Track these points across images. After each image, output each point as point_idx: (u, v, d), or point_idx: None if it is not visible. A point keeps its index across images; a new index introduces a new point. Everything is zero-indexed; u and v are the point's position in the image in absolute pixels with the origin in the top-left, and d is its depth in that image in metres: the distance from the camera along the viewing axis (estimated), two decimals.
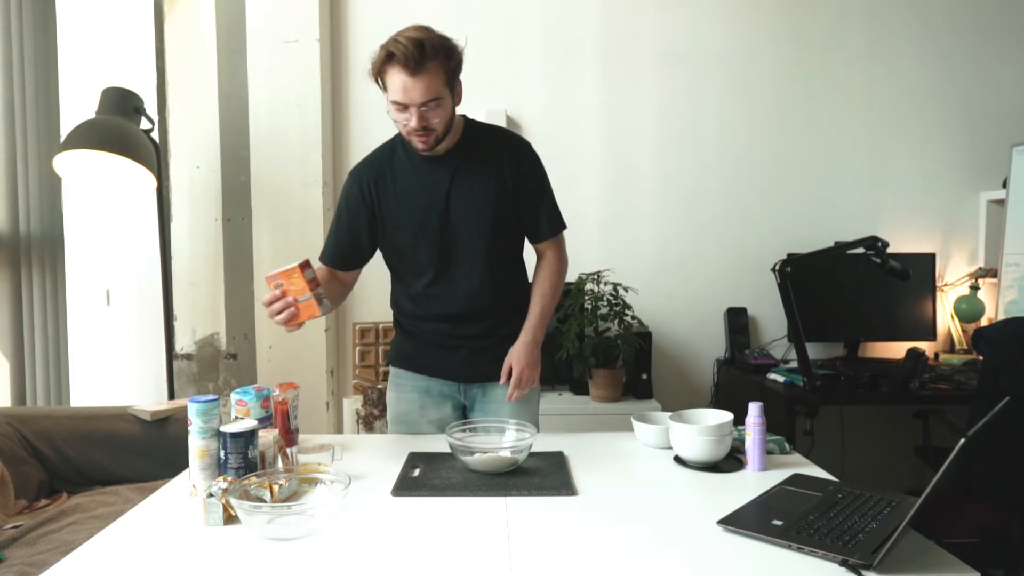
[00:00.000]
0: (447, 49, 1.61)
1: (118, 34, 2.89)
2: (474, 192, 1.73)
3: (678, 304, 3.13)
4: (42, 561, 1.60)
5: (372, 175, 1.78)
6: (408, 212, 1.75)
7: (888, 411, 3.10)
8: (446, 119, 1.65)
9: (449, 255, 1.76)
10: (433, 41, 1.58)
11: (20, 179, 2.65)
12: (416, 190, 1.74)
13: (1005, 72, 3.13)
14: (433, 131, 1.64)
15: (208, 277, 2.92)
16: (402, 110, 1.62)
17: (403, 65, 1.56)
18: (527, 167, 1.79)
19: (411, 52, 1.55)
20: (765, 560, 1.11)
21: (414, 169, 1.75)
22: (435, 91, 1.59)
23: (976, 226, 3.15)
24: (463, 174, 1.74)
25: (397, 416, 1.90)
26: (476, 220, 1.73)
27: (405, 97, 1.59)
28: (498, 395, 1.83)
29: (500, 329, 1.82)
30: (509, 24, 3.07)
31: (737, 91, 3.11)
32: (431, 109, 1.60)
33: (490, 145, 1.78)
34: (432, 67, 1.58)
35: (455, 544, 1.18)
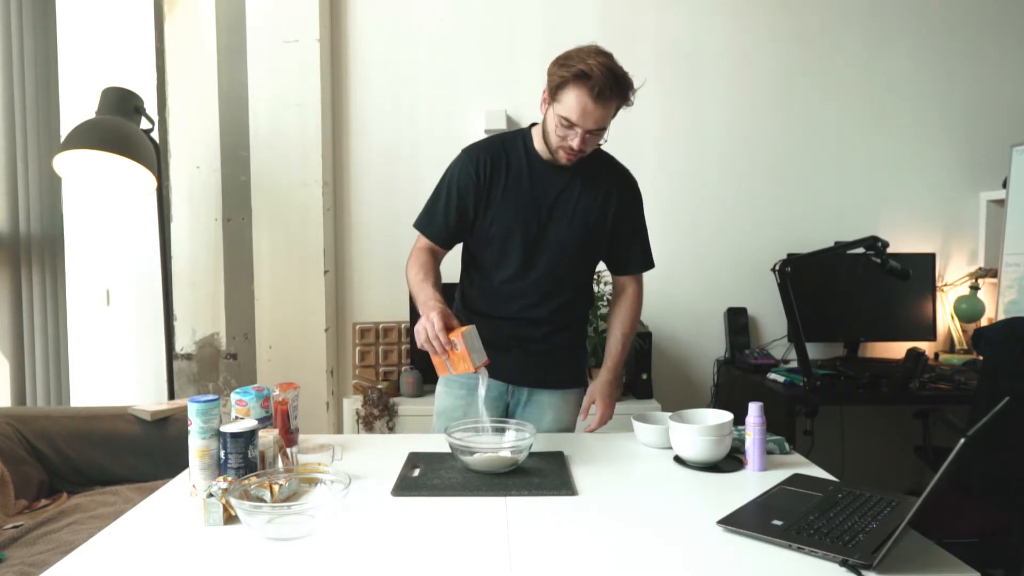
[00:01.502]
0: (630, 87, 1.64)
1: (118, 34, 2.89)
2: (578, 207, 1.77)
3: (678, 304, 3.13)
4: (42, 561, 1.60)
5: (489, 158, 1.78)
6: (512, 207, 1.76)
7: (888, 411, 3.10)
8: (598, 146, 1.72)
9: (535, 259, 1.79)
10: (624, 77, 1.61)
11: (20, 179, 2.65)
12: (526, 188, 1.77)
13: (1005, 72, 3.13)
14: (584, 154, 1.69)
15: (208, 277, 2.92)
16: (568, 127, 1.63)
17: (593, 90, 1.57)
18: (631, 200, 1.85)
19: (607, 81, 1.57)
20: (765, 560, 1.11)
21: (531, 168, 1.77)
22: (606, 121, 1.64)
23: (976, 226, 3.15)
24: (572, 188, 1.77)
25: (443, 411, 1.90)
26: (570, 234, 1.77)
27: (580, 119, 1.61)
28: (543, 402, 1.88)
29: (555, 337, 1.86)
30: (509, 24, 3.07)
31: (737, 91, 3.12)
32: (594, 136, 1.65)
33: (602, 169, 1.82)
34: (615, 101, 1.62)
35: (455, 544, 1.18)
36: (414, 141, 3.08)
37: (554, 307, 1.82)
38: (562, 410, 1.90)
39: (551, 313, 1.82)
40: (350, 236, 3.10)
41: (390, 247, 3.06)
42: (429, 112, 3.08)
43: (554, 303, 1.82)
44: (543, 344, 1.85)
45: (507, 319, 1.83)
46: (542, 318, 1.82)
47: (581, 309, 1.93)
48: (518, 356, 1.84)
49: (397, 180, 3.07)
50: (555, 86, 1.63)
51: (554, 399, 1.89)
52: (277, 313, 2.92)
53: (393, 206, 3.05)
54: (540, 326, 1.83)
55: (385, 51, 3.08)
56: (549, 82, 1.65)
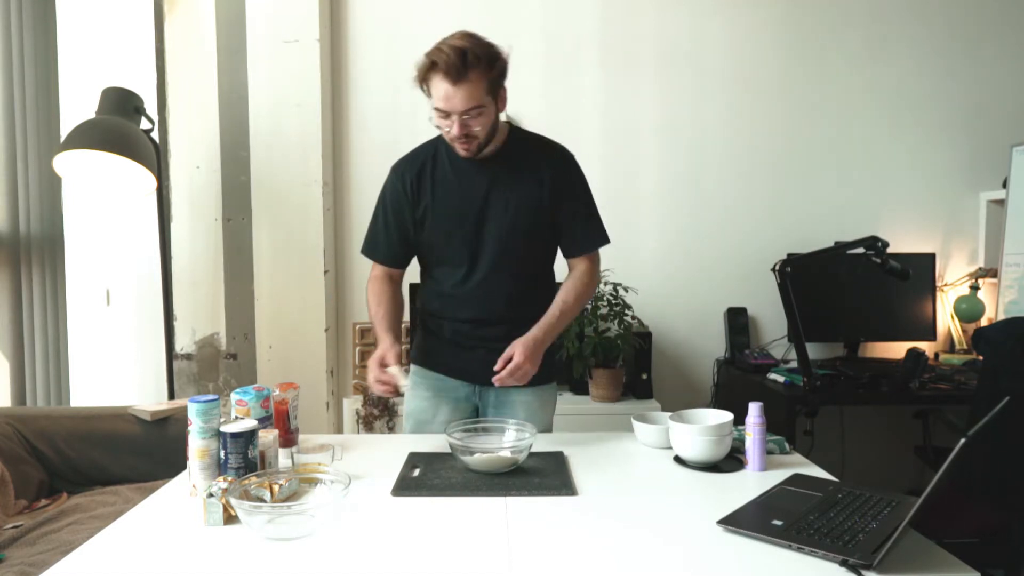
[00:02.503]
0: (489, 57, 1.62)
1: (118, 34, 2.89)
2: (511, 198, 1.75)
3: (678, 304, 3.13)
4: (42, 561, 1.60)
5: (414, 171, 1.80)
6: (445, 211, 1.77)
7: (888, 411, 3.10)
8: (488, 126, 1.67)
9: (480, 257, 1.77)
10: (476, 50, 1.59)
11: (20, 179, 2.65)
12: (455, 190, 1.76)
13: (1005, 72, 3.13)
14: (475, 138, 1.66)
15: (208, 277, 2.92)
16: (444, 117, 1.64)
17: (445, 73, 1.58)
18: (568, 176, 1.80)
19: (453, 61, 1.57)
20: (765, 560, 1.11)
21: (455, 170, 1.77)
22: (477, 99, 1.61)
23: (976, 226, 3.15)
24: (502, 179, 1.75)
25: (411, 413, 1.91)
26: (510, 226, 1.75)
27: (447, 105, 1.61)
28: (513, 400, 1.84)
29: (517, 334, 1.78)
30: (510, 24, 3.07)
31: (737, 91, 3.11)
32: (473, 117, 1.63)
33: (532, 153, 1.79)
34: (474, 76, 1.59)
35: (455, 544, 1.18)
36: (414, 141, 3.00)
37: (510, 303, 1.79)
38: (534, 408, 1.84)
39: (508, 309, 1.78)
40: (350, 236, 3.10)
41: None
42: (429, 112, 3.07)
43: (509, 299, 1.78)
44: (505, 342, 1.76)
45: (465, 320, 1.82)
46: (499, 316, 1.79)
47: (542, 302, 1.81)
48: (482, 355, 1.78)
49: None
50: (421, 83, 1.65)
51: (524, 397, 1.83)
52: (277, 313, 2.92)
53: None
54: (499, 324, 1.78)
55: (385, 51, 3.08)
56: (416, 81, 1.66)
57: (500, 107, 1.71)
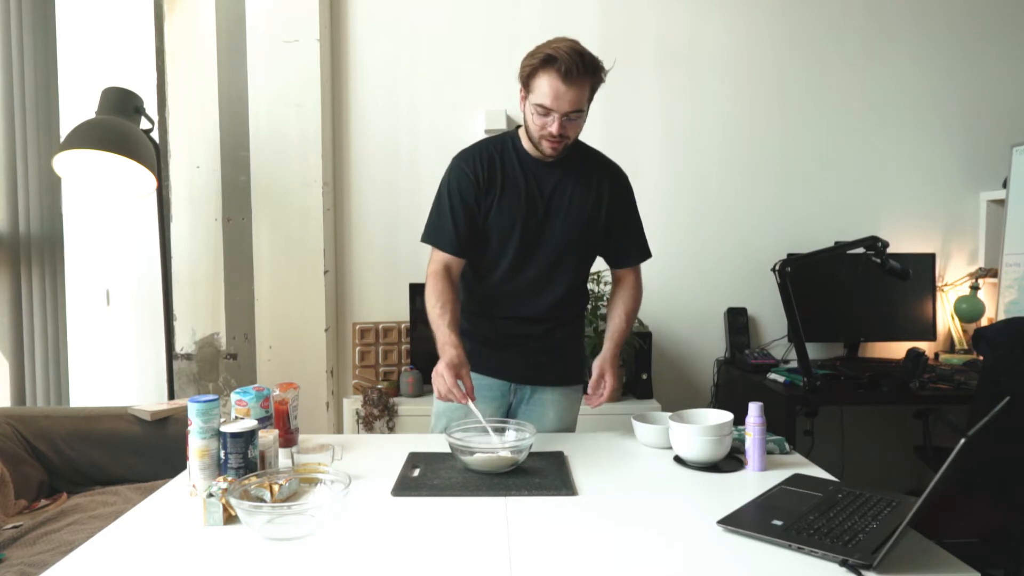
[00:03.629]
0: (599, 67, 1.66)
1: (118, 34, 2.89)
2: (573, 202, 1.79)
3: (678, 304, 3.13)
4: (42, 561, 1.60)
5: (485, 162, 1.79)
6: (511, 205, 1.78)
7: (888, 411, 3.10)
8: (579, 131, 1.73)
9: (533, 254, 1.80)
10: (590, 56, 1.64)
11: (20, 179, 2.65)
12: (522, 186, 1.78)
13: (1005, 72, 3.13)
14: (567, 139, 1.70)
15: (208, 277, 2.92)
16: (545, 114, 1.66)
17: (561, 72, 1.60)
18: (622, 192, 1.86)
19: (574, 60, 1.59)
20: (765, 560, 1.11)
21: (523, 168, 1.79)
22: (580, 103, 1.65)
23: (976, 226, 3.15)
24: (566, 183, 1.79)
25: (441, 412, 1.88)
26: (569, 228, 1.79)
27: (554, 103, 1.63)
28: (545, 399, 1.88)
29: (555, 334, 1.87)
30: (509, 24, 3.07)
31: (737, 91, 3.11)
32: (572, 120, 1.67)
33: (593, 164, 1.84)
34: (585, 80, 1.63)
35: (455, 544, 1.18)
36: (414, 141, 3.08)
37: (552, 303, 1.83)
38: (564, 407, 1.90)
39: (549, 310, 1.83)
40: (350, 236, 3.10)
41: (390, 247, 3.06)
42: (429, 112, 3.08)
43: (552, 299, 1.82)
44: (543, 341, 1.85)
45: (506, 317, 1.84)
46: (540, 315, 1.83)
47: (578, 306, 1.93)
48: (518, 354, 1.84)
49: (397, 180, 3.07)
50: (526, 76, 1.66)
51: (555, 396, 1.89)
52: (277, 313, 2.92)
53: (393, 206, 3.05)
54: (539, 323, 1.84)
55: (385, 51, 3.08)
56: (521, 74, 1.68)
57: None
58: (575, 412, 1.96)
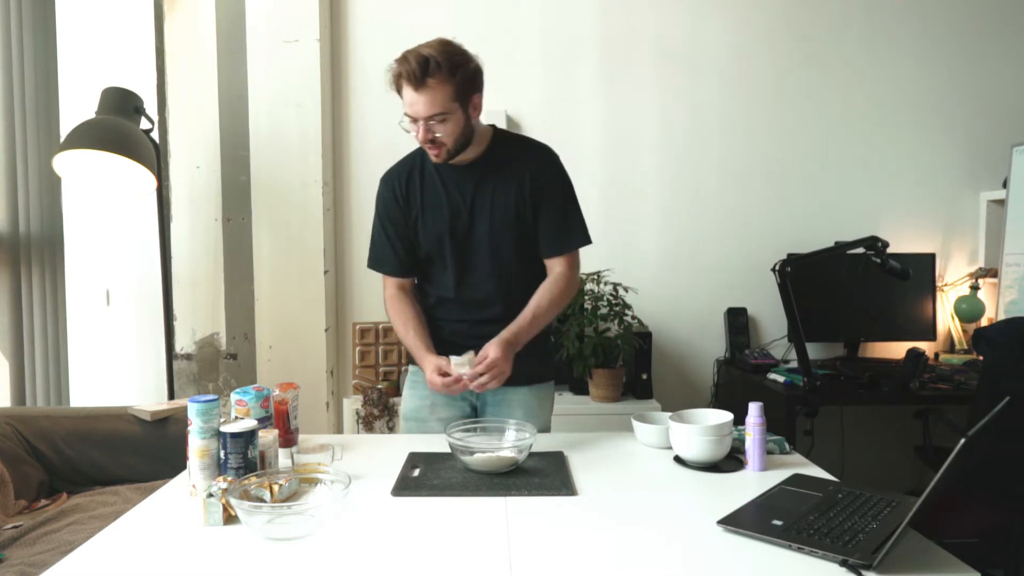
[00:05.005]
0: (453, 65, 1.63)
1: (118, 34, 2.89)
2: (496, 201, 1.76)
3: (678, 304, 3.13)
4: (42, 561, 1.60)
5: (403, 180, 1.82)
6: (434, 217, 1.78)
7: (888, 411, 3.10)
8: (456, 133, 1.68)
9: (471, 260, 1.79)
10: (439, 57, 1.60)
11: (20, 179, 2.65)
12: (442, 196, 1.78)
13: (1005, 72, 3.13)
14: (442, 144, 1.68)
15: (208, 277, 2.92)
16: (413, 121, 1.67)
17: (407, 80, 1.61)
18: (548, 174, 1.79)
19: (413, 69, 1.60)
20: (765, 560, 1.11)
21: (442, 176, 1.79)
22: (440, 106, 1.63)
23: (976, 226, 3.15)
24: (487, 183, 1.77)
25: (408, 412, 1.91)
26: (497, 228, 1.76)
27: (412, 111, 1.65)
28: (510, 399, 1.84)
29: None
30: (509, 24, 3.07)
31: (737, 91, 3.12)
32: (437, 123, 1.65)
33: (513, 154, 1.80)
34: (435, 83, 1.61)
35: (455, 544, 1.18)
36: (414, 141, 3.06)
37: (504, 303, 1.79)
38: (532, 407, 1.85)
39: (504, 310, 1.78)
40: (350, 236, 3.10)
41: None
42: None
43: (504, 300, 1.79)
44: None
45: (461, 321, 1.83)
46: (496, 317, 1.78)
47: None
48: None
49: None
50: (395, 89, 1.67)
51: (522, 396, 1.84)
52: (277, 313, 2.92)
53: None
54: (495, 323, 1.76)
55: (385, 51, 3.03)
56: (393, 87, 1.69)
57: (473, 114, 1.71)
58: (547, 411, 1.90)
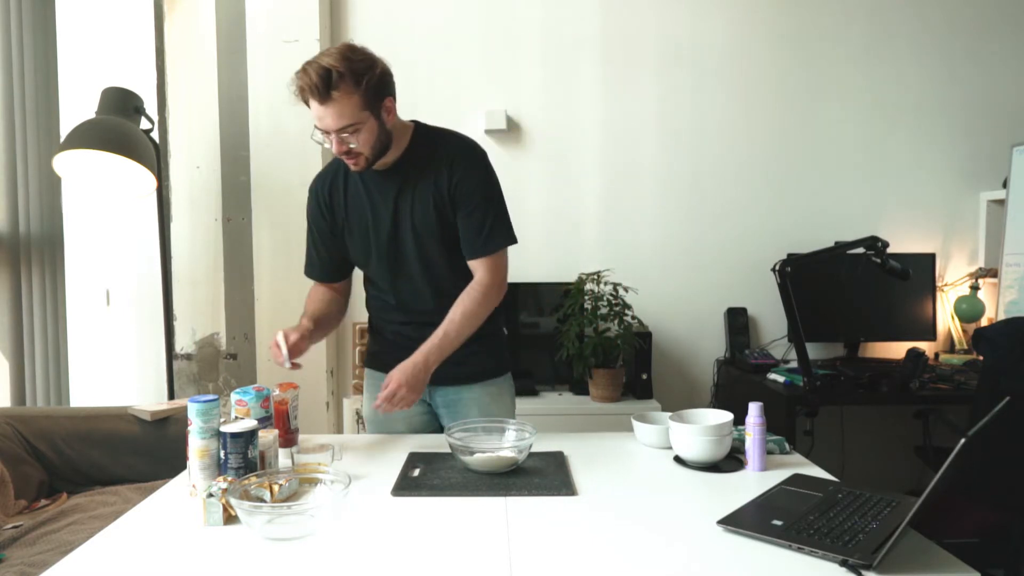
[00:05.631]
0: (357, 75, 1.54)
1: (118, 34, 2.89)
2: (417, 202, 1.70)
3: (678, 304, 3.13)
4: (42, 561, 1.60)
5: (326, 189, 1.79)
6: (359, 223, 1.75)
7: (888, 411, 3.10)
8: (371, 142, 1.61)
9: (401, 263, 1.75)
10: (341, 68, 1.52)
11: (20, 179, 2.65)
12: (366, 201, 1.74)
13: (1005, 72, 3.13)
14: (360, 154, 1.62)
15: (208, 277, 2.92)
16: (325, 134, 1.61)
17: (311, 95, 1.54)
18: (461, 174, 1.69)
19: (315, 83, 1.52)
20: (765, 560, 1.11)
21: (364, 181, 1.74)
22: (349, 117, 1.56)
23: (976, 226, 3.15)
24: (409, 184, 1.70)
25: (370, 414, 1.91)
26: (422, 230, 1.71)
27: (322, 124, 1.59)
28: (463, 397, 1.82)
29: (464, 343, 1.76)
30: (509, 24, 3.07)
31: (737, 91, 3.12)
32: (350, 134, 1.58)
33: (433, 152, 1.72)
34: (340, 95, 1.53)
35: (455, 544, 1.18)
36: None
37: (439, 303, 1.74)
38: (485, 403, 1.81)
39: (438, 310, 1.73)
40: None
41: None
42: (429, 112, 3.02)
43: (440, 299, 1.74)
44: None
45: (406, 323, 1.81)
46: (431, 317, 1.73)
47: None
48: None
49: None
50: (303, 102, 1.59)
51: (473, 394, 1.82)
52: (277, 313, 2.92)
53: None
54: (433, 325, 1.72)
55: (385, 51, 3.04)
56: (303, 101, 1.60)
57: (388, 119, 1.64)
58: (506, 405, 1.86)
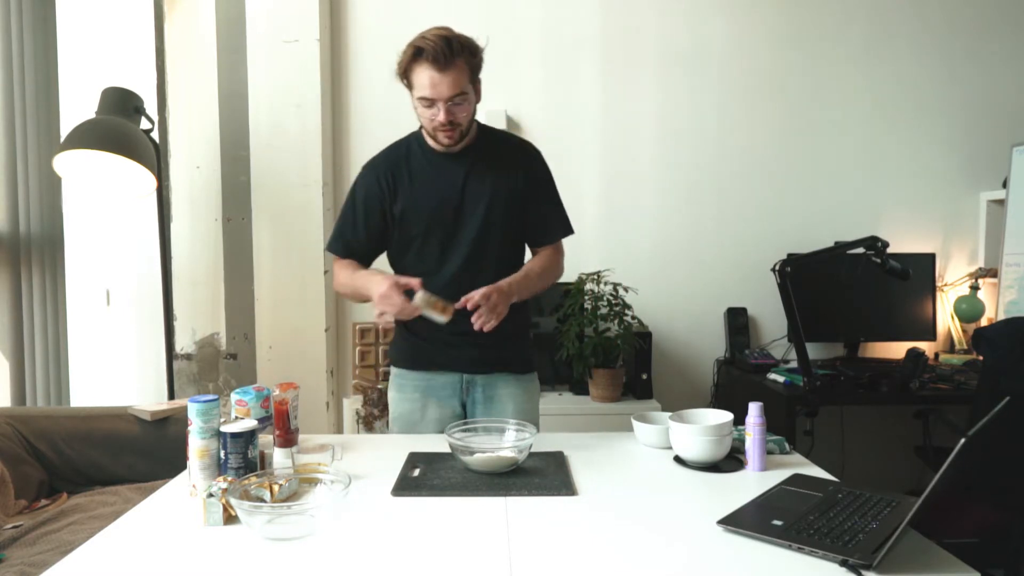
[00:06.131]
0: (471, 47, 1.68)
1: (118, 34, 2.89)
2: (487, 188, 1.78)
3: (678, 304, 3.13)
4: (42, 561, 1.60)
5: (389, 168, 1.82)
6: (423, 202, 1.78)
7: (888, 411, 3.10)
8: (471, 114, 1.72)
9: (456, 247, 1.79)
10: (459, 38, 1.65)
11: (20, 179, 2.65)
12: (432, 182, 1.78)
13: (1005, 72, 3.13)
14: (459, 126, 1.70)
15: (208, 277, 2.92)
16: (429, 106, 1.67)
17: (432, 61, 1.62)
18: (537, 169, 1.85)
19: (440, 47, 1.61)
20: (765, 560, 1.11)
21: (431, 164, 1.80)
22: (461, 86, 1.65)
23: (976, 226, 3.15)
24: (478, 171, 1.78)
25: (399, 416, 1.90)
26: (488, 214, 1.77)
27: (433, 92, 1.64)
28: (500, 393, 1.85)
29: (502, 327, 1.77)
30: (509, 24, 3.07)
31: (737, 91, 3.11)
32: (457, 104, 1.67)
33: (502, 146, 1.84)
34: (459, 63, 1.64)
35: (455, 544, 1.18)
36: None
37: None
38: (523, 400, 1.86)
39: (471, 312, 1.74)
40: None
41: None
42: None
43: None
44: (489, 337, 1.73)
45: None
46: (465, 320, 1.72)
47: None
48: (467, 349, 1.81)
49: None
50: (403, 74, 1.69)
51: (512, 389, 1.85)
52: (277, 313, 2.92)
53: None
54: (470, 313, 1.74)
55: (385, 51, 3.03)
56: (399, 73, 1.70)
57: (477, 99, 1.75)
58: (535, 404, 1.91)
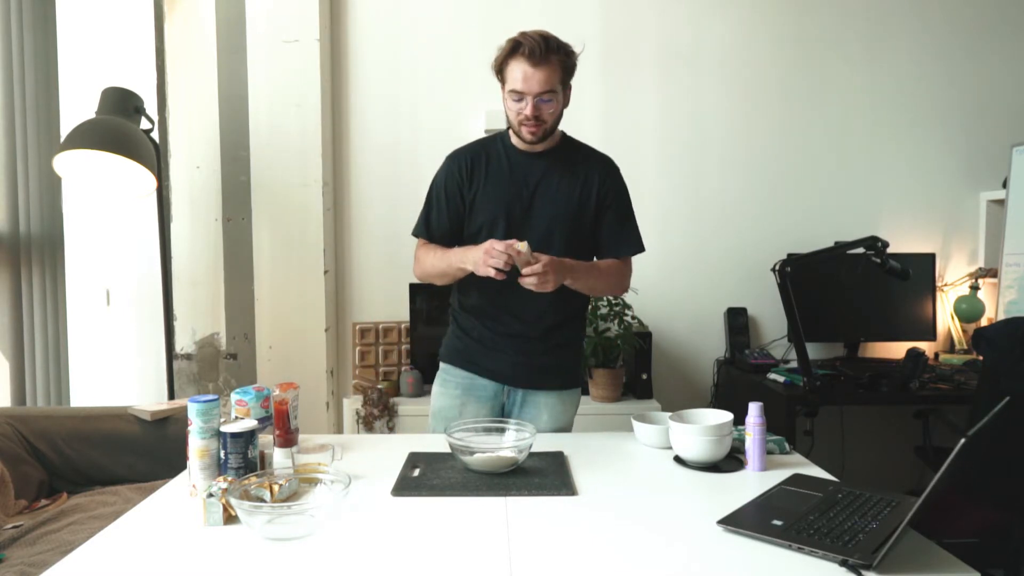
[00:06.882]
0: (568, 49, 1.71)
1: (118, 34, 2.89)
2: (560, 191, 1.81)
3: (678, 304, 3.13)
4: (42, 561, 1.60)
5: (469, 157, 1.85)
6: (495, 193, 1.81)
7: (888, 411, 3.10)
8: (557, 114, 1.75)
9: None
10: (557, 39, 1.70)
11: (20, 179, 2.65)
12: (507, 175, 1.81)
13: (1005, 72, 3.13)
14: (544, 123, 1.73)
15: (208, 277, 2.92)
16: (518, 99, 1.71)
17: (527, 55, 1.66)
18: (614, 183, 1.87)
19: (538, 43, 1.65)
20: (765, 560, 1.11)
21: (509, 159, 1.83)
22: (551, 84, 1.68)
23: (976, 226, 3.15)
24: (554, 173, 1.82)
25: (438, 411, 1.92)
26: (557, 216, 1.80)
27: (524, 86, 1.68)
28: (539, 402, 1.87)
29: (552, 337, 1.85)
30: (509, 24, 3.04)
31: (737, 91, 3.11)
32: (545, 101, 1.70)
33: (582, 156, 1.86)
34: (553, 61, 1.67)
35: (455, 544, 1.18)
36: (414, 141, 3.08)
37: (547, 303, 1.79)
38: (559, 411, 1.90)
39: (547, 304, 1.79)
40: (350, 236, 3.10)
41: (390, 247, 3.06)
42: (429, 112, 3.08)
43: (547, 299, 1.75)
44: (540, 343, 1.83)
45: (500, 315, 1.83)
46: (535, 315, 1.81)
47: (576, 303, 1.88)
48: (514, 353, 1.84)
49: (397, 180, 3.06)
50: (499, 67, 1.73)
51: (550, 400, 1.88)
52: (277, 313, 2.92)
53: (393, 206, 3.05)
54: (534, 323, 1.81)
55: (385, 51, 3.08)
56: (495, 67, 1.75)
57: (565, 103, 1.77)
58: (571, 415, 1.95)
